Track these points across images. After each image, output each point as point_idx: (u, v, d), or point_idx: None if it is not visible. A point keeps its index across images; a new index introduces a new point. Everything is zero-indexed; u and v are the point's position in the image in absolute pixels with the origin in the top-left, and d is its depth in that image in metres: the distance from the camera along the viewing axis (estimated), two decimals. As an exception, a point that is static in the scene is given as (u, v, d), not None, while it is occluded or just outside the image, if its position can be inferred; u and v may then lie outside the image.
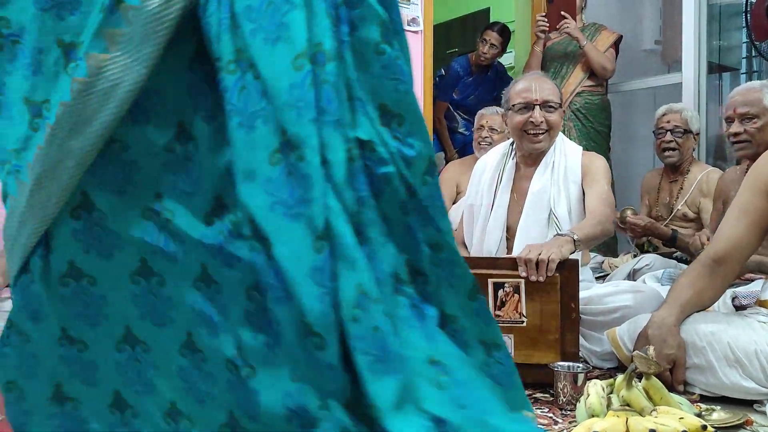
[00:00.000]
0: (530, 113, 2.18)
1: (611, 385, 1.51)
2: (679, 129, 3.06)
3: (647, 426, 1.26)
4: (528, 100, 2.19)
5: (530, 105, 2.19)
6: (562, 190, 2.20)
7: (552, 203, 2.19)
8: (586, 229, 1.99)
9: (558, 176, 2.22)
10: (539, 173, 2.24)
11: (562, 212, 2.18)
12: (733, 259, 1.75)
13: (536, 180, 2.24)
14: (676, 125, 3.06)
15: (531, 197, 2.22)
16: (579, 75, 3.91)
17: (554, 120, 2.20)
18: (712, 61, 3.87)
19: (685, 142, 3.08)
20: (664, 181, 3.19)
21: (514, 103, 2.22)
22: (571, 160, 2.24)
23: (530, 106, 2.19)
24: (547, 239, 2.05)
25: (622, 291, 2.01)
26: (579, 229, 1.97)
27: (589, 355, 1.96)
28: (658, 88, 4.21)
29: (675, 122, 3.07)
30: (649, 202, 3.25)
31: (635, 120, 4.61)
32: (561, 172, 2.22)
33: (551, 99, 2.20)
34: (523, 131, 2.21)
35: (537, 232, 2.15)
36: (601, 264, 3.33)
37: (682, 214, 3.05)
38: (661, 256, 2.89)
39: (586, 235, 1.96)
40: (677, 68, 4.00)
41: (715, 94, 3.97)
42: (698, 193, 3.03)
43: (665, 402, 1.43)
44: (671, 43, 4.35)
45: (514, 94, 2.24)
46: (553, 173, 2.23)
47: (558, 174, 2.22)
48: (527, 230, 2.18)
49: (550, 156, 2.26)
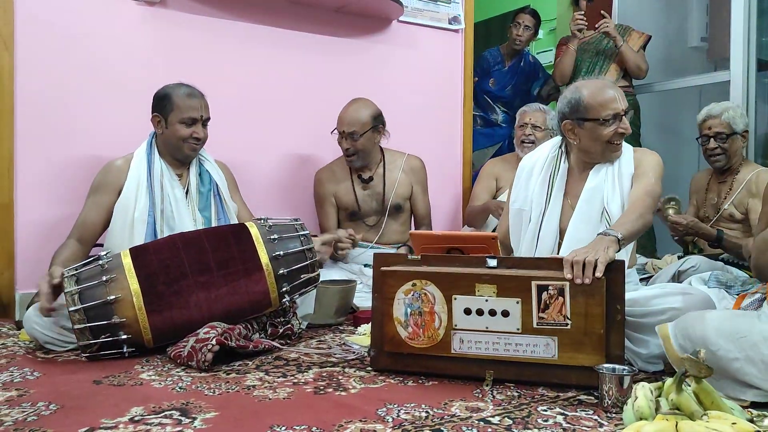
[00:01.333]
0: (618, 123, 2.14)
1: (659, 388, 1.48)
2: (722, 134, 2.99)
3: (699, 431, 1.23)
4: (617, 111, 2.14)
5: (619, 115, 2.15)
6: (616, 187, 2.16)
7: (605, 200, 2.15)
8: (629, 224, 1.95)
9: (613, 173, 2.19)
10: (594, 173, 2.20)
11: (615, 209, 2.13)
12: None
13: (591, 177, 2.20)
14: (718, 131, 3.00)
15: (585, 194, 2.18)
16: (614, 75, 3.87)
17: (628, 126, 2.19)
18: (761, 58, 3.77)
19: (732, 144, 3.00)
20: (713, 181, 3.12)
21: (601, 116, 2.13)
22: (624, 157, 2.21)
23: (619, 117, 2.15)
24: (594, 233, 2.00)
25: (670, 293, 1.96)
26: (621, 226, 1.93)
27: (634, 358, 1.93)
28: (704, 86, 4.12)
29: (716, 128, 3.00)
30: (697, 202, 3.19)
31: (680, 119, 4.52)
32: (616, 169, 2.19)
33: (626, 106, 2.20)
34: (609, 142, 2.16)
35: (588, 231, 2.10)
36: (645, 265, 3.27)
37: (728, 214, 2.98)
38: (707, 258, 2.83)
39: (629, 231, 1.93)
40: (724, 66, 3.91)
41: (764, 92, 3.87)
42: (747, 193, 2.96)
43: (716, 407, 1.39)
44: (718, 40, 4.25)
45: (598, 105, 2.14)
46: (608, 172, 2.19)
47: (613, 172, 2.19)
48: (577, 228, 2.15)
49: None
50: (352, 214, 3.20)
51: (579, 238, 2.04)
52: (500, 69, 4.45)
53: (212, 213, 2.54)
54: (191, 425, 1.44)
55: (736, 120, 3.00)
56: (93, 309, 2.00)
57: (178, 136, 2.47)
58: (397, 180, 3.21)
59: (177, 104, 2.47)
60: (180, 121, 2.47)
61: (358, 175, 3.19)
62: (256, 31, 3.22)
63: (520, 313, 1.73)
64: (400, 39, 3.66)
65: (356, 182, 3.19)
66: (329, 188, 3.20)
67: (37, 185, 2.73)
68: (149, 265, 2.09)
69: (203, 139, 2.53)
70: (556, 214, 2.23)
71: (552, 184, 2.26)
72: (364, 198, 3.19)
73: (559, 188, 2.25)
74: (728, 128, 2.98)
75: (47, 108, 2.74)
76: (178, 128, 2.47)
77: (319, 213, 3.26)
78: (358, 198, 3.18)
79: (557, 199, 2.24)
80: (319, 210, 3.25)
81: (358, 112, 3.08)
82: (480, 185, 3.51)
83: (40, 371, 1.91)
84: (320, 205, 3.24)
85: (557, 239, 2.21)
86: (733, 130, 2.99)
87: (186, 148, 2.49)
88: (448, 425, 1.44)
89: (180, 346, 2.00)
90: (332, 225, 3.19)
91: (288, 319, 2.31)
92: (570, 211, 2.20)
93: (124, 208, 2.42)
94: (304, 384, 1.77)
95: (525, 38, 4.34)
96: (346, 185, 3.19)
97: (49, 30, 2.74)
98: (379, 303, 1.87)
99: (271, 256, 2.18)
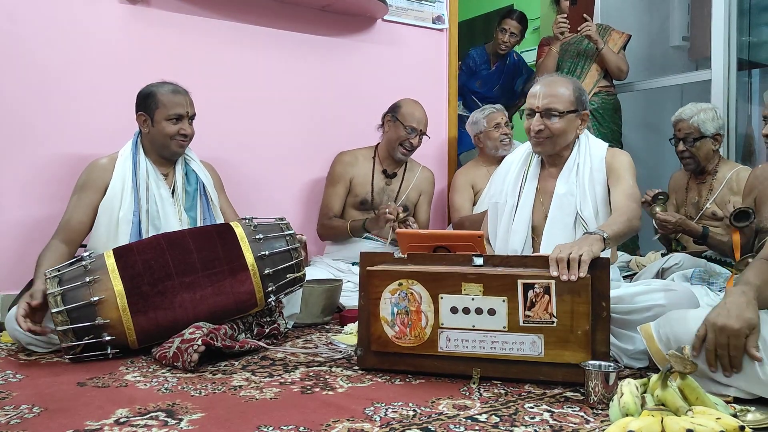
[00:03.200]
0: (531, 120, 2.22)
1: (645, 384, 1.49)
2: (690, 137, 3.01)
3: (684, 426, 1.24)
4: (531, 107, 2.22)
5: (533, 112, 2.21)
6: (587, 192, 2.21)
7: (578, 206, 2.20)
8: (615, 226, 1.98)
9: (583, 179, 2.22)
10: (564, 176, 2.25)
11: (588, 214, 2.19)
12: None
13: (561, 183, 2.24)
14: (687, 133, 3.01)
15: (556, 200, 2.23)
16: (594, 76, 3.91)
17: (557, 127, 2.20)
18: (742, 57, 3.81)
19: (701, 147, 3.01)
20: (692, 181, 3.14)
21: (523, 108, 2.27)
22: (596, 160, 2.24)
23: (532, 113, 2.22)
24: (574, 240, 2.05)
25: (654, 290, 1.98)
26: (608, 227, 1.96)
27: (619, 354, 1.95)
28: (686, 85, 4.16)
29: (685, 130, 3.02)
30: (677, 202, 3.21)
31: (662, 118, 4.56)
32: (586, 174, 2.23)
33: (554, 106, 2.19)
34: (529, 135, 2.25)
35: (563, 235, 2.17)
36: (628, 263, 3.30)
37: (711, 213, 3.01)
38: (690, 255, 2.85)
39: (615, 232, 1.95)
40: (705, 65, 3.94)
41: (744, 91, 3.91)
42: (728, 191, 2.99)
43: (701, 402, 1.41)
44: (699, 39, 4.29)
45: (528, 96, 2.27)
46: (578, 176, 2.23)
47: (583, 176, 2.23)
48: (553, 233, 2.20)
49: (574, 157, 2.27)
50: (363, 203, 3.24)
51: (557, 241, 2.04)
52: (486, 69, 4.47)
53: (198, 213, 2.52)
54: (177, 426, 1.43)
55: (707, 124, 2.99)
56: (76, 310, 1.98)
57: (165, 134, 2.45)
58: (411, 184, 3.34)
59: (162, 101, 2.45)
60: (166, 118, 2.44)
61: (384, 170, 3.28)
62: (241, 29, 3.20)
63: (506, 312, 1.74)
64: (385, 38, 3.66)
65: (377, 174, 3.27)
66: (349, 171, 3.26)
67: (16, 185, 2.69)
68: (133, 265, 2.07)
69: (190, 136, 2.51)
70: (528, 208, 2.30)
71: (525, 179, 2.35)
72: (380, 191, 3.27)
73: (531, 182, 2.32)
74: (697, 132, 2.99)
75: (26, 107, 2.70)
76: (164, 125, 2.45)
77: (327, 192, 3.27)
78: (374, 189, 3.25)
79: (529, 193, 2.31)
80: (330, 189, 3.27)
81: (426, 115, 3.25)
82: (460, 196, 3.53)
83: (23, 373, 1.88)
84: (332, 184, 3.26)
85: (529, 232, 2.28)
86: (702, 133, 2.99)
87: (173, 145, 2.47)
88: (435, 423, 1.44)
89: (165, 347, 1.99)
90: (337, 207, 3.23)
91: (274, 318, 2.31)
92: (541, 207, 2.28)
93: (109, 208, 2.39)
94: (291, 384, 1.76)
95: (511, 44, 4.42)
96: (366, 173, 3.26)
97: (30, 27, 2.70)
98: (365, 302, 1.87)
99: (256, 255, 2.17)
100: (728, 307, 1.60)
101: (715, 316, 1.60)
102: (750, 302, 1.61)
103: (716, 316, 1.59)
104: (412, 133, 3.18)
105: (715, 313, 1.61)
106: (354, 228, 3.13)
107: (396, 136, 3.20)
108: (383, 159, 3.30)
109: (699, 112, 3.01)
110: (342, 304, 2.73)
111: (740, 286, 1.68)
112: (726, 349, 1.57)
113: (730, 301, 1.62)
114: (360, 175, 3.26)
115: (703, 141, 3.00)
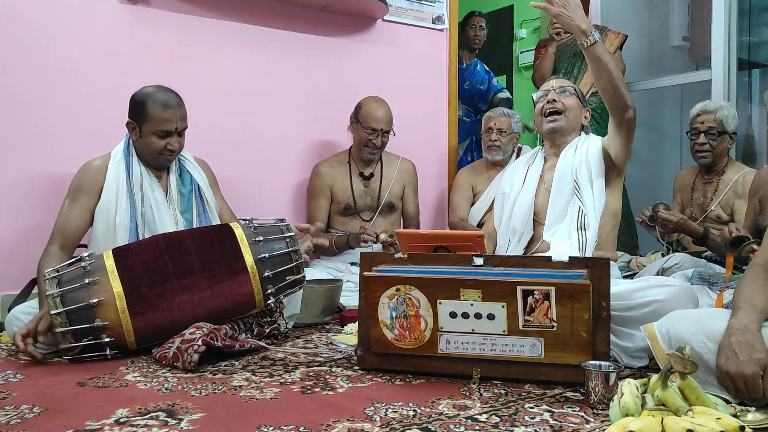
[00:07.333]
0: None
1: (645, 384, 1.49)
2: (713, 130, 2.99)
3: (684, 426, 1.24)
4: (545, 89, 2.50)
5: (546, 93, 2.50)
6: (583, 162, 2.35)
7: (575, 174, 2.34)
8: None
9: (581, 153, 2.38)
10: (563, 156, 2.41)
11: (584, 180, 2.32)
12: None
13: (561, 160, 2.40)
14: (710, 126, 2.99)
15: (557, 175, 2.37)
16: (591, 76, 3.89)
17: (570, 102, 2.42)
18: (742, 57, 3.81)
19: (720, 143, 3.00)
20: (699, 180, 3.12)
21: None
22: (593, 142, 2.42)
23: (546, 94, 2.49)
24: (568, 210, 2.29)
25: (652, 285, 1.97)
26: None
27: (619, 353, 1.94)
28: (686, 85, 4.16)
29: (709, 123, 2.99)
30: (682, 201, 3.20)
31: (662, 118, 4.56)
32: (584, 149, 2.39)
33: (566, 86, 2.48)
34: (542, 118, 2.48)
35: (562, 204, 2.33)
36: (629, 263, 3.30)
37: (715, 216, 2.99)
38: (690, 255, 2.85)
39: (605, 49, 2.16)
40: (705, 65, 3.94)
41: (745, 91, 3.91)
42: (733, 194, 2.97)
43: (701, 402, 1.41)
44: (699, 39, 4.29)
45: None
46: (576, 152, 2.39)
47: (581, 151, 2.39)
48: (553, 203, 2.35)
49: (575, 141, 2.43)
50: (346, 209, 3.22)
51: (554, 208, 2.32)
52: (459, 67, 4.49)
53: (194, 215, 2.48)
54: (178, 426, 1.43)
55: (729, 120, 3.00)
56: (75, 312, 1.98)
57: (153, 148, 2.38)
58: (392, 180, 3.31)
59: (151, 115, 2.35)
60: (153, 133, 2.36)
61: (360, 173, 3.24)
62: (241, 30, 3.20)
63: (505, 317, 1.73)
64: (385, 38, 3.66)
65: (355, 178, 3.24)
66: (327, 181, 3.23)
67: (17, 185, 2.69)
68: (132, 267, 2.07)
69: (177, 150, 2.43)
70: (531, 191, 2.44)
71: (529, 170, 2.51)
72: (361, 194, 3.24)
73: (535, 172, 2.48)
74: (720, 126, 2.99)
75: (26, 106, 2.70)
76: (152, 139, 2.37)
77: (311, 206, 3.26)
78: (354, 193, 3.22)
79: (532, 180, 2.46)
80: (312, 202, 3.25)
81: (388, 112, 3.19)
82: (458, 195, 3.54)
83: (23, 374, 1.88)
84: (314, 197, 3.24)
85: (531, 214, 2.40)
86: (724, 128, 2.99)
87: (160, 158, 2.41)
88: (435, 423, 1.44)
89: (165, 347, 1.98)
90: (322, 218, 3.21)
91: (274, 319, 2.30)
92: (545, 193, 2.40)
93: (106, 213, 2.35)
94: (291, 384, 1.76)
95: (482, 37, 4.65)
96: (344, 179, 3.23)
97: (30, 28, 2.70)
98: (364, 306, 1.86)
99: (256, 258, 2.17)
100: (735, 350, 1.51)
101: (725, 362, 1.51)
102: (756, 337, 1.52)
103: (726, 362, 1.51)
104: (373, 133, 3.14)
105: (723, 358, 1.53)
106: (339, 244, 3.09)
107: (359, 138, 3.19)
108: (357, 161, 3.27)
109: (722, 107, 3.03)
110: (342, 304, 2.73)
111: (741, 315, 1.59)
112: (746, 393, 1.50)
113: (736, 341, 1.53)
114: (339, 183, 3.23)
115: (723, 137, 3.00)
